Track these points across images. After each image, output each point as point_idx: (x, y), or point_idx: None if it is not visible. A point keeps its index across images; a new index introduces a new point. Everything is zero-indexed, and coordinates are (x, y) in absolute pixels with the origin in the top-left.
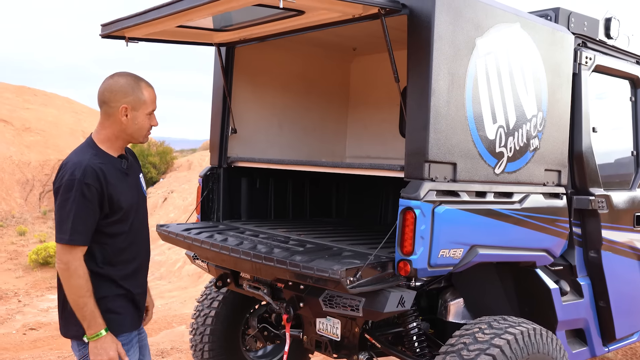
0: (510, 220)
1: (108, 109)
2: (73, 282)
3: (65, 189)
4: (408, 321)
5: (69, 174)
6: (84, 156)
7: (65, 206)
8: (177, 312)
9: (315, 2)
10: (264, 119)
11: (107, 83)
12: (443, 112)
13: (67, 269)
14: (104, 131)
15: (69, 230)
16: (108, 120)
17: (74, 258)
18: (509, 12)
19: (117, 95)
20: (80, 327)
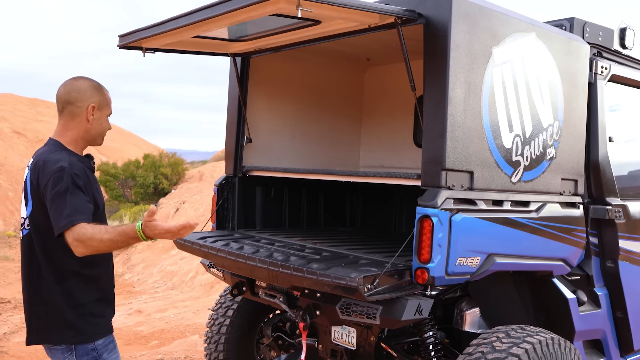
0: (526, 229)
1: (74, 109)
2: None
3: (55, 181)
4: (424, 330)
5: (56, 167)
6: (61, 154)
7: (59, 197)
8: (190, 322)
9: (332, 11)
10: (279, 129)
11: (72, 84)
12: (460, 120)
13: (79, 244)
14: (69, 132)
15: (69, 214)
16: (73, 121)
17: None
18: (525, 22)
19: (85, 95)
20: (64, 332)
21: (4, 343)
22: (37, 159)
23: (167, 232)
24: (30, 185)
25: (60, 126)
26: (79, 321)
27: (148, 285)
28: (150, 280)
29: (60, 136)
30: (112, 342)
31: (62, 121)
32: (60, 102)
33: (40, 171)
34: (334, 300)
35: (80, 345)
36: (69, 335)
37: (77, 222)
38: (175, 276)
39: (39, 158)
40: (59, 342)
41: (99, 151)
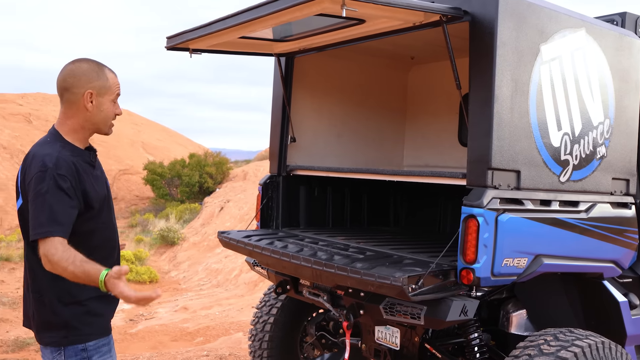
0: (576, 229)
1: (71, 96)
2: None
3: (37, 181)
4: (469, 331)
5: (40, 164)
6: (52, 148)
7: (39, 198)
8: (235, 319)
9: (376, 10)
10: (322, 128)
11: (68, 68)
12: (506, 119)
13: (49, 261)
14: (69, 121)
15: (45, 222)
16: (71, 109)
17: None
18: (574, 18)
19: (81, 81)
20: (55, 334)
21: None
22: (30, 152)
23: (125, 297)
24: (20, 178)
25: (60, 114)
26: (73, 321)
27: (193, 282)
28: (196, 278)
29: (60, 125)
30: (106, 345)
31: (62, 109)
32: (58, 88)
33: (28, 165)
34: (377, 299)
35: (71, 345)
36: (59, 336)
37: (52, 235)
38: (220, 274)
39: (32, 151)
40: (50, 344)
41: (146, 150)
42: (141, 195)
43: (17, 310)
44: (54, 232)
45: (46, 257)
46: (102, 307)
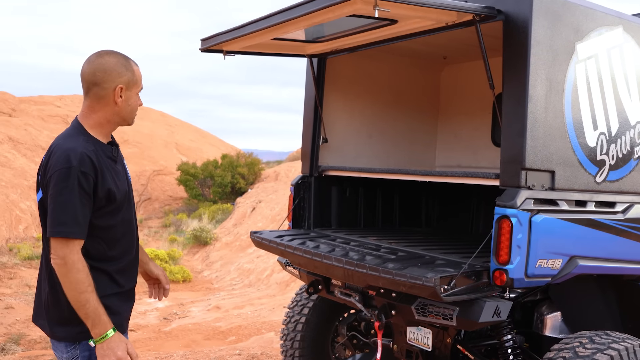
0: (612, 231)
1: (100, 90)
2: (72, 277)
3: (60, 177)
4: (502, 333)
5: (64, 161)
6: (76, 142)
7: (61, 196)
8: (266, 319)
9: (409, 10)
10: (354, 129)
11: (97, 62)
12: (540, 118)
13: (65, 264)
14: (95, 115)
15: (66, 222)
16: (99, 103)
17: (72, 251)
18: (611, 15)
19: (111, 76)
20: (71, 329)
21: None
22: (52, 144)
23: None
24: (41, 172)
25: (85, 107)
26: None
27: (226, 282)
28: (228, 277)
29: (84, 118)
30: None
31: (87, 102)
32: (84, 82)
33: (51, 159)
34: (409, 300)
35: (86, 341)
36: (75, 331)
37: (73, 237)
38: (252, 274)
39: (54, 143)
40: (64, 338)
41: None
42: (174, 196)
43: None
44: (75, 233)
45: (63, 258)
46: (119, 304)
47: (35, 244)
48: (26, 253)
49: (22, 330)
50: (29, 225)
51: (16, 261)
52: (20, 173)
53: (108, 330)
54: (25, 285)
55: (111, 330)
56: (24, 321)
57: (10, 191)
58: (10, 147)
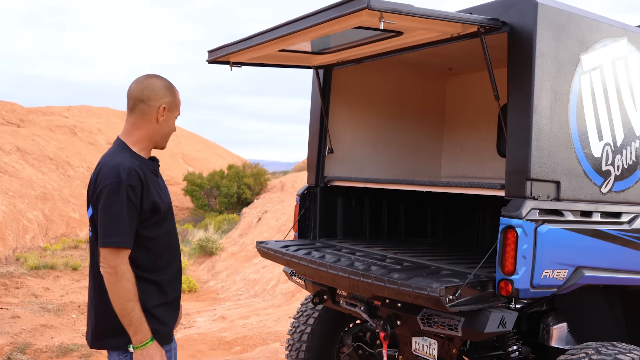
0: (618, 241)
1: (145, 107)
2: (121, 286)
3: (111, 191)
4: (508, 344)
5: (114, 175)
6: (123, 158)
7: (112, 208)
8: (272, 329)
9: (414, 22)
10: (360, 139)
11: (146, 82)
12: (545, 129)
13: (116, 273)
14: (137, 132)
15: (117, 233)
16: (143, 119)
17: (122, 261)
18: (616, 27)
19: (158, 95)
20: (121, 337)
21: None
22: (100, 161)
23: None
24: (91, 189)
25: (128, 124)
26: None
27: (231, 292)
28: (234, 287)
29: (127, 135)
30: (169, 352)
31: (131, 119)
32: (131, 98)
33: (99, 175)
34: (415, 310)
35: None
36: (125, 341)
37: (123, 246)
38: (258, 284)
39: (102, 160)
40: (116, 347)
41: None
42: (180, 206)
43: (61, 317)
44: (124, 243)
45: (114, 268)
46: (167, 314)
47: (42, 253)
48: (33, 263)
49: (28, 339)
50: (36, 235)
51: (23, 271)
52: (28, 183)
53: (148, 338)
54: (31, 295)
55: (151, 339)
56: (30, 330)
57: (18, 201)
58: (18, 157)
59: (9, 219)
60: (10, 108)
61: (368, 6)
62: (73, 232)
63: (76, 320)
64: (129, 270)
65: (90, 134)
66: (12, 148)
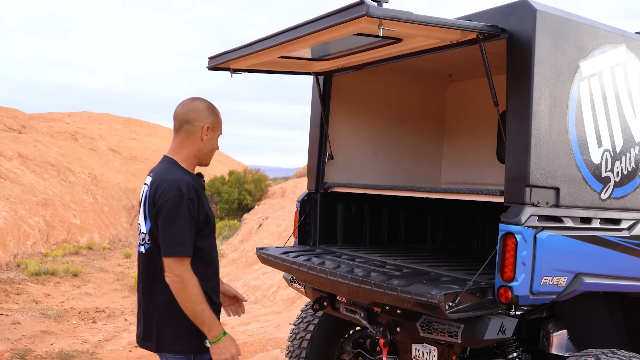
0: (618, 248)
1: (191, 127)
2: (190, 292)
3: (173, 205)
4: (508, 351)
5: (175, 190)
6: (180, 174)
7: (175, 221)
8: (272, 336)
9: (413, 29)
10: (360, 146)
11: (190, 104)
12: (544, 135)
13: (182, 281)
14: (184, 151)
15: (181, 243)
16: (188, 139)
17: (186, 269)
18: (614, 34)
19: (202, 115)
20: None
21: (99, 350)
22: (155, 178)
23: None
24: (149, 202)
25: (175, 144)
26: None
27: None
28: None
29: (175, 154)
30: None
31: (178, 139)
32: (178, 120)
33: (158, 190)
34: (414, 317)
35: (200, 353)
36: (188, 345)
37: (187, 255)
38: (258, 290)
39: (157, 177)
40: (179, 351)
41: None
42: None
43: (62, 323)
44: (187, 252)
45: (180, 276)
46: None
47: (42, 259)
48: (34, 269)
49: (28, 345)
50: (37, 241)
51: (23, 277)
52: (29, 189)
53: (222, 333)
54: (32, 301)
55: (224, 333)
56: (30, 336)
57: (19, 207)
58: (19, 163)
59: (10, 225)
60: (12, 114)
61: (367, 13)
62: (74, 238)
63: (76, 326)
64: (193, 276)
65: (91, 140)
66: (13, 154)
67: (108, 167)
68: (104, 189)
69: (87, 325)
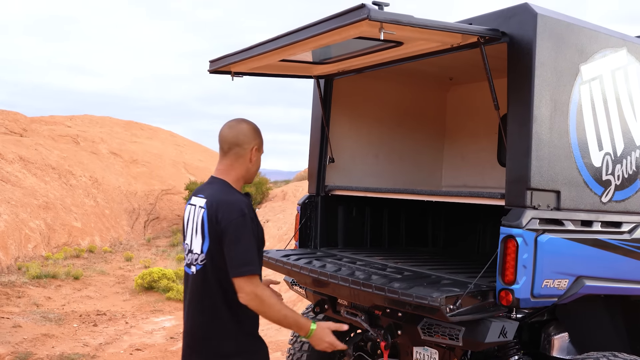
0: (619, 251)
1: (240, 150)
2: (269, 305)
3: (238, 226)
4: (509, 354)
5: (238, 211)
6: (237, 195)
7: (242, 240)
8: (273, 339)
9: (414, 33)
10: (361, 149)
11: (238, 127)
12: (545, 139)
13: (257, 297)
14: (234, 172)
15: (249, 262)
16: (238, 161)
17: (257, 285)
18: (615, 37)
19: (249, 138)
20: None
21: (100, 353)
22: (211, 199)
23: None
24: (208, 223)
25: (224, 165)
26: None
27: None
28: None
29: (225, 175)
30: None
31: (226, 161)
32: (227, 143)
33: (219, 211)
34: (415, 320)
35: None
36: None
37: (256, 273)
38: None
39: (214, 198)
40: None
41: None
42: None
43: (62, 326)
44: (256, 270)
45: (254, 293)
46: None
47: (43, 262)
48: (35, 272)
49: (29, 349)
50: (38, 244)
51: (24, 280)
52: (31, 192)
53: (312, 326)
54: (33, 304)
55: (313, 324)
56: (31, 340)
57: (20, 210)
58: (20, 166)
59: (11, 228)
60: (13, 117)
61: (368, 17)
62: (75, 241)
63: (77, 329)
64: (265, 288)
65: (92, 144)
66: (14, 157)
67: (109, 170)
68: (105, 192)
69: (88, 328)
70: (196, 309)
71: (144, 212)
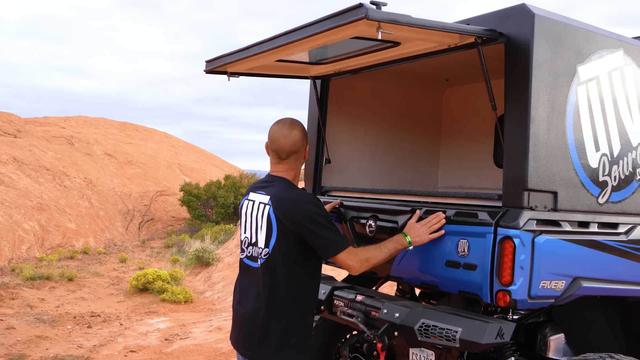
0: (616, 252)
1: (299, 155)
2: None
3: (317, 213)
4: (506, 355)
5: (310, 201)
6: (300, 190)
7: (325, 225)
8: None
9: (412, 33)
10: (357, 150)
11: (293, 135)
12: (542, 139)
13: (365, 260)
14: (292, 172)
15: (341, 238)
16: (296, 162)
17: (354, 255)
18: (612, 38)
19: (303, 142)
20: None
21: (94, 355)
22: (278, 197)
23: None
24: (276, 220)
25: (282, 167)
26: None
27: (227, 303)
28: (230, 298)
29: (286, 174)
30: None
31: (285, 165)
32: (285, 152)
33: (292, 208)
34: (412, 321)
35: None
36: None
37: (348, 245)
38: None
39: (281, 196)
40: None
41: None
42: (177, 216)
43: (56, 328)
44: (347, 242)
45: (357, 262)
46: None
47: (37, 264)
48: (28, 273)
49: (23, 350)
50: (32, 245)
51: (18, 281)
52: (24, 193)
53: (407, 238)
54: (26, 306)
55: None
56: (24, 341)
57: (14, 211)
58: (14, 167)
59: (4, 229)
60: (7, 119)
61: (366, 16)
62: (69, 242)
63: (71, 331)
64: (361, 249)
65: (87, 145)
66: (8, 158)
67: (104, 171)
68: (100, 194)
69: (82, 330)
70: (260, 299)
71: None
